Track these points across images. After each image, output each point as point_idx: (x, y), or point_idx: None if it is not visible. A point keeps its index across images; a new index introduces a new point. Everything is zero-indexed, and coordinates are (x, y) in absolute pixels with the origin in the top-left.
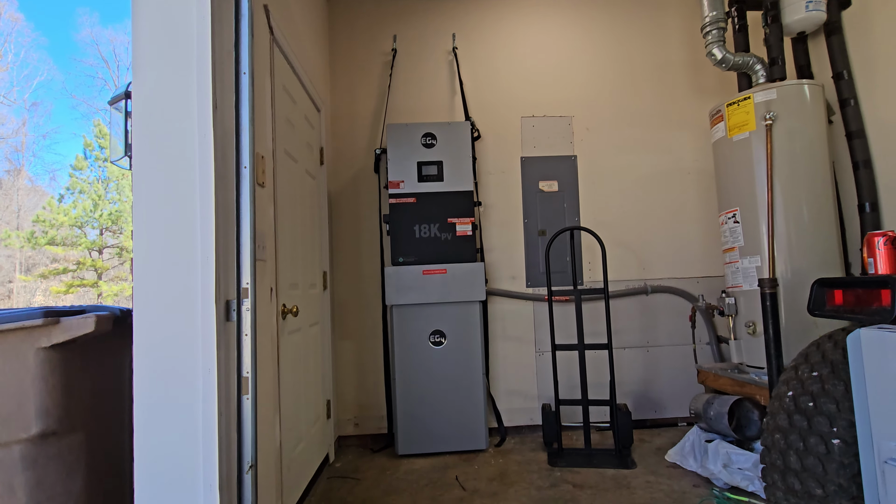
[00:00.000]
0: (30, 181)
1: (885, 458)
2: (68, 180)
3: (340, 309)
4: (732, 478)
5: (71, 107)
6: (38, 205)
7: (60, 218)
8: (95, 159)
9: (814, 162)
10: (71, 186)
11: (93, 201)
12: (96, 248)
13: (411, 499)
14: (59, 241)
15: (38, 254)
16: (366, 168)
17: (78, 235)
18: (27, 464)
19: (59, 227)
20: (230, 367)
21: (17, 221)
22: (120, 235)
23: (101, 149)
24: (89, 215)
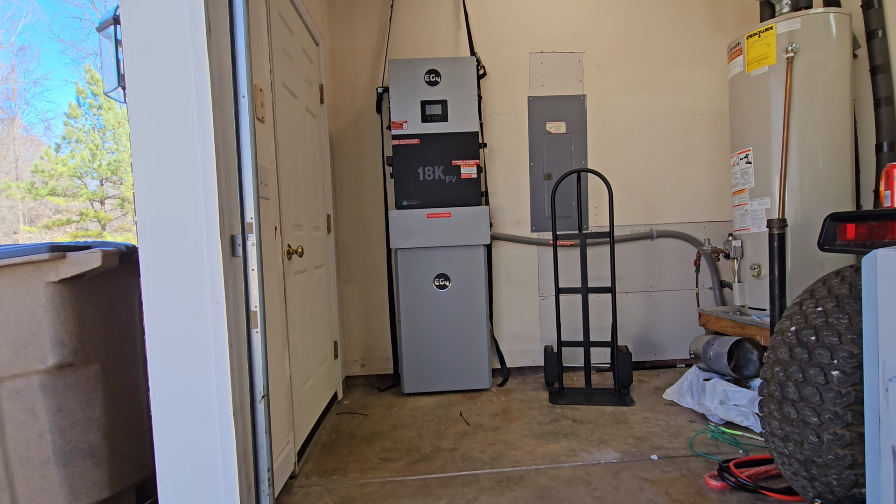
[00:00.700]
0: (24, 130)
1: (890, 375)
2: (64, 129)
3: (345, 252)
4: (728, 413)
5: (59, 51)
6: (35, 155)
7: (59, 168)
8: (90, 107)
9: (834, 99)
10: (67, 136)
11: (90, 151)
12: (98, 199)
13: (417, 432)
14: (59, 192)
15: (41, 205)
16: (368, 108)
17: (78, 186)
18: (47, 392)
19: (58, 177)
20: (238, 302)
21: (15, 172)
22: (121, 186)
23: (95, 96)
24: (88, 165)
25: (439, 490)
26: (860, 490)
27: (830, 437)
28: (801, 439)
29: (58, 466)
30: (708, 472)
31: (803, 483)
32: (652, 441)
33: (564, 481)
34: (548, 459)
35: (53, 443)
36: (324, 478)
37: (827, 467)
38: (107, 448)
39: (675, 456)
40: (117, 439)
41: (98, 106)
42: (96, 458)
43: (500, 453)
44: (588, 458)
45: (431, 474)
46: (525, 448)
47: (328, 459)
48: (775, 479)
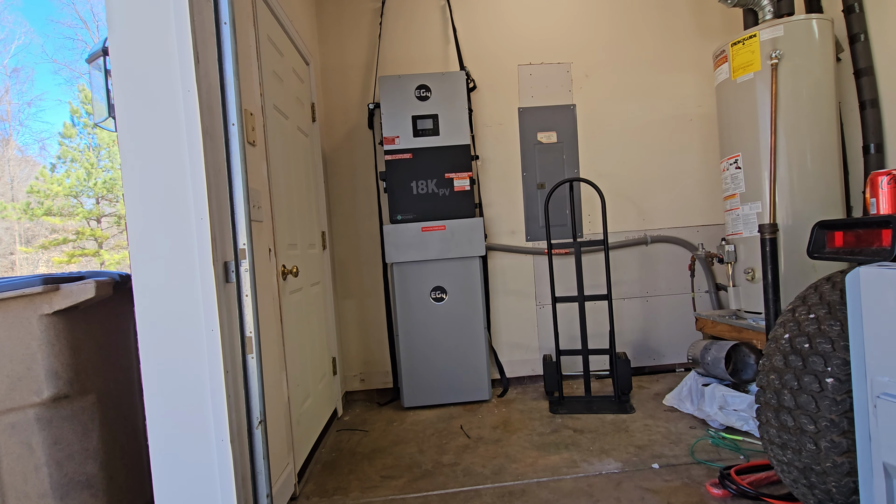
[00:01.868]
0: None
1: (877, 392)
2: (58, 149)
3: (341, 268)
4: (728, 419)
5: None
6: (30, 175)
7: (55, 188)
8: (84, 126)
9: (819, 103)
10: (62, 155)
11: (86, 170)
12: (94, 218)
13: (418, 447)
14: (55, 212)
15: (37, 225)
16: (360, 124)
17: (74, 205)
18: (43, 425)
19: (54, 197)
20: (233, 328)
21: (11, 193)
22: (116, 204)
23: (89, 115)
24: (83, 184)
25: None
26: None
27: (827, 445)
28: (799, 447)
29: (55, 500)
30: (709, 479)
31: (803, 490)
32: (653, 449)
33: (566, 494)
34: (549, 472)
35: (50, 476)
36: (325, 498)
37: (825, 475)
38: (104, 479)
39: (677, 464)
40: (115, 470)
41: (93, 125)
42: (94, 489)
43: (502, 467)
44: (589, 469)
45: (433, 491)
46: (526, 461)
47: (329, 479)
48: (776, 486)
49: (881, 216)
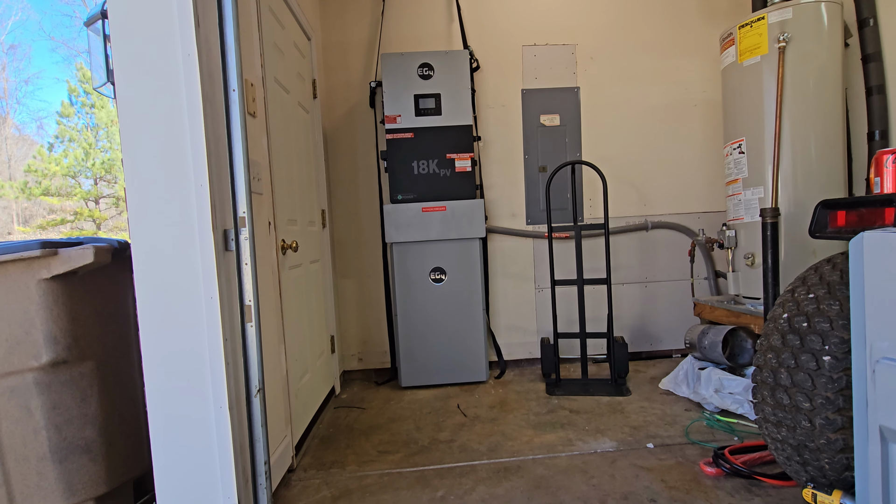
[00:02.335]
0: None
1: (877, 357)
2: (56, 128)
3: (340, 247)
4: (723, 401)
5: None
6: (27, 154)
7: (52, 167)
8: (82, 105)
9: (826, 88)
10: (60, 134)
11: (84, 150)
12: (92, 199)
13: (415, 424)
14: (53, 192)
15: (34, 205)
16: (361, 103)
17: (72, 185)
18: (41, 389)
19: (51, 176)
20: (232, 296)
21: (8, 172)
22: (115, 185)
23: (87, 94)
24: (81, 164)
25: (437, 481)
26: (852, 473)
27: (822, 422)
28: (794, 424)
29: (54, 463)
30: (703, 459)
31: (796, 468)
32: (648, 430)
33: (561, 470)
34: (545, 449)
35: (49, 440)
36: (322, 471)
37: (819, 451)
38: (103, 444)
39: (671, 444)
40: (114, 435)
41: (91, 104)
42: (92, 454)
43: (498, 444)
44: (585, 448)
45: (429, 466)
46: (522, 438)
47: (326, 453)
48: (769, 465)
49: (884, 195)
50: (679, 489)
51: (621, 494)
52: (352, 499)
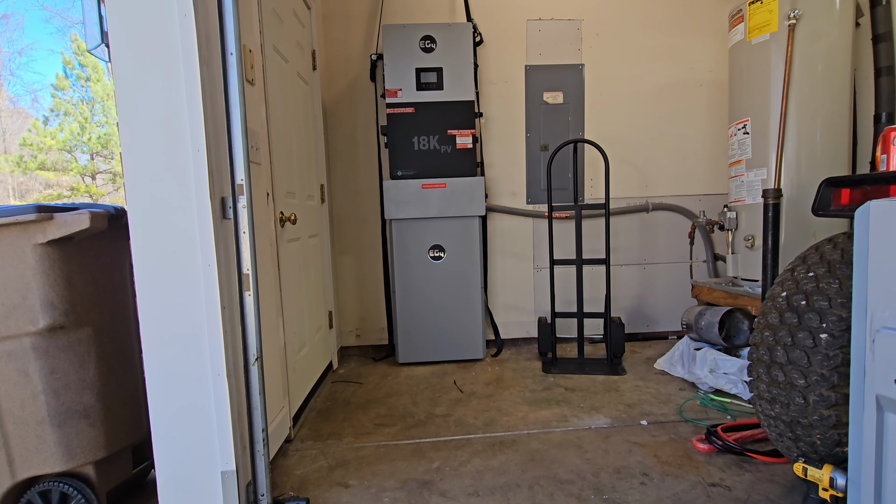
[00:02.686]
0: (11, 102)
1: (877, 326)
2: (51, 101)
3: (339, 223)
4: (717, 381)
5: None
6: (22, 127)
7: (48, 141)
8: (77, 78)
9: (835, 68)
10: (55, 108)
11: (79, 124)
12: (89, 174)
13: (411, 399)
14: (49, 166)
15: (30, 179)
16: (362, 76)
17: (68, 160)
18: (39, 353)
19: (47, 150)
20: (230, 265)
21: (3, 145)
22: (111, 161)
23: (82, 67)
24: (77, 139)
25: (433, 453)
26: (843, 449)
27: (816, 399)
28: (788, 401)
29: (53, 427)
30: (696, 436)
31: (788, 444)
32: (642, 407)
33: (555, 445)
34: (540, 425)
35: (47, 404)
36: (319, 442)
37: (811, 427)
38: (102, 410)
39: (665, 421)
40: (112, 401)
41: (86, 77)
42: (91, 419)
43: (493, 419)
44: (579, 424)
45: (425, 438)
46: (517, 414)
47: (323, 425)
48: (761, 443)
49: (890, 172)
50: (671, 464)
51: (614, 468)
52: (348, 468)
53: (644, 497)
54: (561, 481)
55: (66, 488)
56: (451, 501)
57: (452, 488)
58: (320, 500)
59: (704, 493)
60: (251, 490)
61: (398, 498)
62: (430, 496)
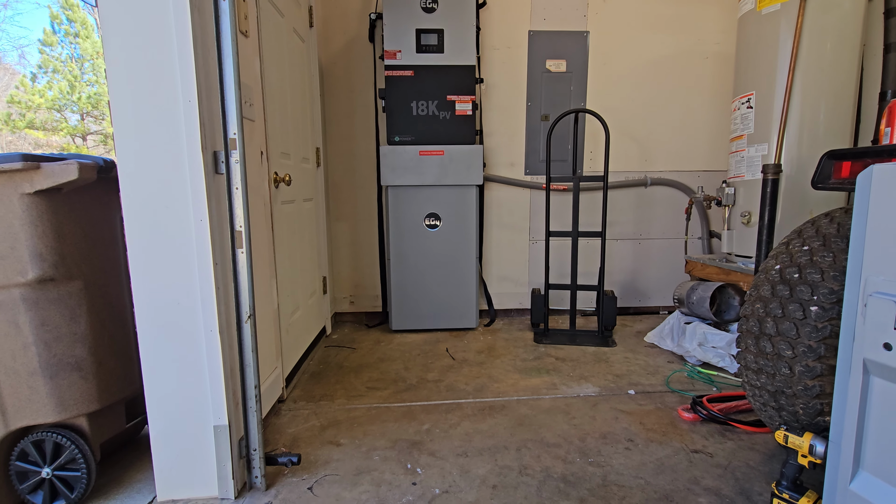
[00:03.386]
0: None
1: (870, 291)
2: (39, 58)
3: (335, 189)
4: (706, 355)
5: None
6: (10, 84)
7: (36, 100)
8: (66, 34)
9: (844, 42)
10: (43, 64)
11: (69, 82)
12: (79, 135)
13: (403, 365)
14: (38, 126)
15: (19, 138)
16: (360, 36)
17: (58, 119)
18: (29, 305)
19: (36, 109)
20: (223, 221)
21: None
22: (102, 122)
23: (70, 22)
24: (67, 98)
25: (423, 416)
26: (824, 418)
27: (801, 369)
28: (774, 371)
29: (45, 378)
30: (681, 405)
31: (771, 413)
32: (630, 378)
33: (544, 411)
34: (529, 391)
35: (39, 355)
36: (311, 403)
37: (795, 397)
38: (93, 363)
39: (652, 392)
40: (104, 355)
41: (74, 34)
42: (83, 371)
43: (484, 385)
44: (568, 392)
45: (416, 402)
46: (508, 381)
47: (316, 387)
48: (744, 414)
49: (893, 145)
50: (656, 431)
51: (600, 434)
52: (340, 428)
53: (628, 461)
54: (548, 444)
55: (60, 439)
56: (440, 461)
57: (441, 448)
58: (312, 456)
59: (687, 458)
60: (243, 445)
61: (388, 456)
62: (420, 455)
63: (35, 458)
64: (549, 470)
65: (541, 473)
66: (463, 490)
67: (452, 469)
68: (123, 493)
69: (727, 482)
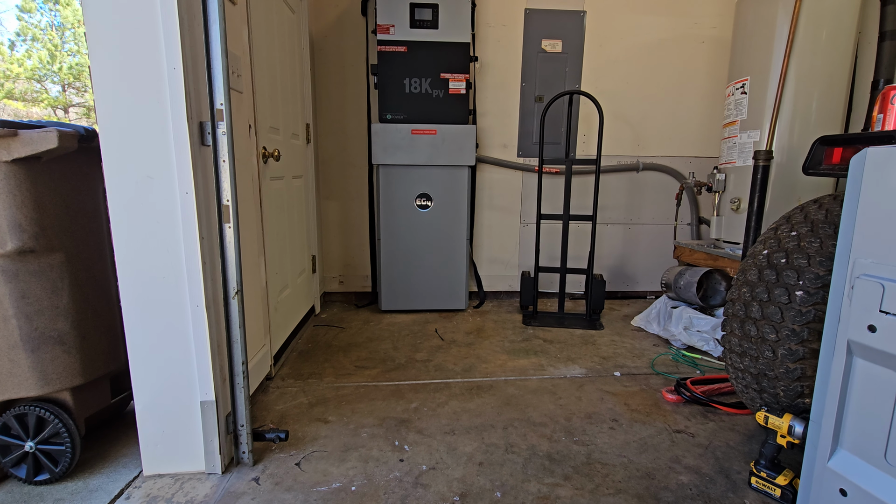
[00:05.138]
0: None
1: (858, 273)
2: (17, 24)
3: (325, 167)
4: (691, 338)
5: None
6: None
7: (15, 69)
8: (45, 1)
9: (840, 29)
10: (21, 32)
11: (49, 52)
12: (61, 107)
13: (392, 345)
14: (18, 96)
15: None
16: (352, 9)
17: (38, 90)
18: (8, 277)
19: (14, 79)
20: (209, 194)
21: None
22: (85, 94)
23: None
24: (47, 68)
25: (411, 394)
26: (804, 401)
27: (784, 353)
28: (757, 354)
29: (26, 352)
30: (665, 387)
31: (752, 395)
32: (616, 360)
33: (531, 391)
34: (517, 372)
35: (20, 328)
36: (300, 380)
37: (777, 380)
38: (77, 337)
39: (637, 374)
40: (87, 329)
41: (54, 0)
42: (66, 346)
43: (472, 366)
44: (555, 373)
45: (404, 381)
46: (496, 362)
47: (304, 365)
48: (726, 396)
49: (884, 131)
50: (640, 412)
51: (586, 413)
52: (328, 406)
53: (612, 440)
54: (534, 423)
55: (43, 412)
56: (427, 438)
57: (429, 426)
58: (300, 433)
59: (669, 438)
60: (231, 421)
61: (376, 434)
62: (408, 433)
63: (18, 431)
64: (534, 448)
65: (526, 451)
66: (450, 467)
67: (440, 446)
68: (109, 467)
69: (707, 461)
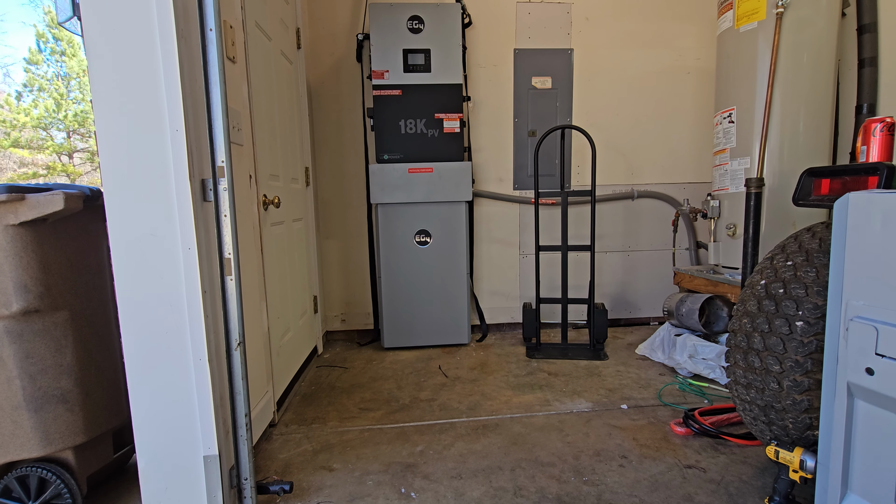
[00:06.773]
0: None
1: (851, 315)
2: (24, 76)
3: (325, 207)
4: (696, 367)
5: None
6: None
7: (21, 118)
8: (52, 53)
9: (820, 58)
10: (28, 83)
11: (55, 100)
12: (66, 153)
13: (396, 384)
14: (24, 144)
15: (4, 157)
16: (347, 56)
17: (44, 138)
18: (13, 338)
19: (21, 128)
20: (211, 248)
21: None
22: (89, 140)
23: (57, 41)
24: (53, 116)
25: (417, 437)
26: (813, 432)
27: (790, 384)
28: (763, 386)
29: (29, 412)
30: (674, 419)
31: (761, 427)
32: (623, 392)
33: (538, 428)
34: (522, 409)
35: (23, 389)
36: (303, 426)
37: (784, 412)
38: (80, 394)
39: (644, 405)
40: (91, 386)
41: (61, 52)
42: (69, 404)
43: (477, 403)
44: (561, 408)
45: (409, 422)
46: (501, 398)
47: (308, 409)
48: (736, 426)
49: (869, 163)
50: (649, 447)
51: (594, 451)
52: (332, 452)
53: (622, 479)
54: (542, 464)
55: (45, 473)
56: (434, 484)
57: (436, 471)
58: (304, 483)
59: (681, 474)
60: (234, 474)
61: (382, 481)
62: (414, 479)
63: (19, 494)
64: (543, 490)
65: (535, 494)
66: None
67: (447, 492)
68: None
69: (720, 498)
